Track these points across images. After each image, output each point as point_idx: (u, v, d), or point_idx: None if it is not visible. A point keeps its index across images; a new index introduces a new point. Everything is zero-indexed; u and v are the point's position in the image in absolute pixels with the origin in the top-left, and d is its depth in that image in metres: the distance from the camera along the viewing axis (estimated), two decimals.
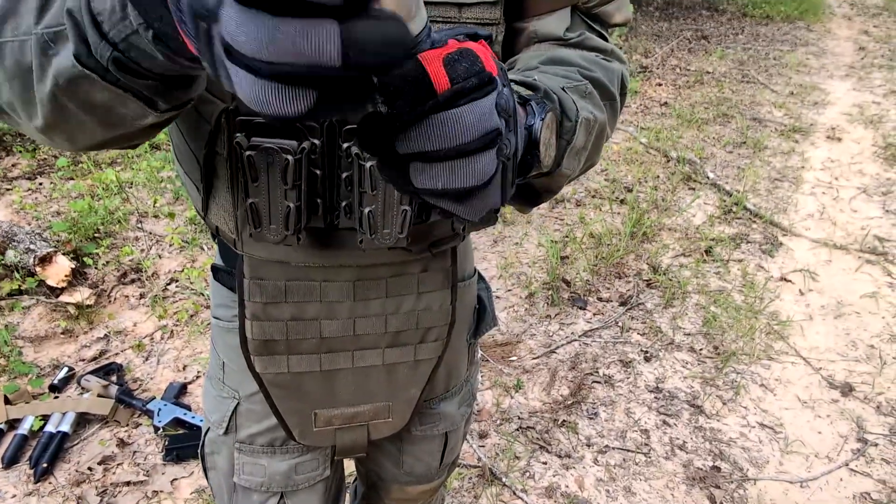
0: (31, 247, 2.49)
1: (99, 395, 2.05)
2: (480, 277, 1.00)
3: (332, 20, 0.28)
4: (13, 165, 3.29)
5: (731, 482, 1.96)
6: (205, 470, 0.94)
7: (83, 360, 2.25)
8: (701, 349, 2.50)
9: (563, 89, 0.62)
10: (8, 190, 3.09)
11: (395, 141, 0.38)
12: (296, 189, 0.65)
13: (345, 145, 0.66)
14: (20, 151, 3.35)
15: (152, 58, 0.40)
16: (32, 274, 2.45)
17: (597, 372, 2.37)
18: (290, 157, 0.63)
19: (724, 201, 3.52)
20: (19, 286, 2.44)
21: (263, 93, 0.29)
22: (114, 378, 2.14)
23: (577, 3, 0.74)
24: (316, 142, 0.65)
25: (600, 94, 0.70)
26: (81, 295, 2.46)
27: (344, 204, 0.68)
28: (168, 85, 0.45)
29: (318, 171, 0.66)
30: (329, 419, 0.85)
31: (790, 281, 2.94)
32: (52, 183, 3.16)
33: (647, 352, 2.48)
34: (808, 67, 5.75)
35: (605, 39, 0.79)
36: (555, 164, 0.61)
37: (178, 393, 2.10)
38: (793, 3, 7.42)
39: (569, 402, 2.23)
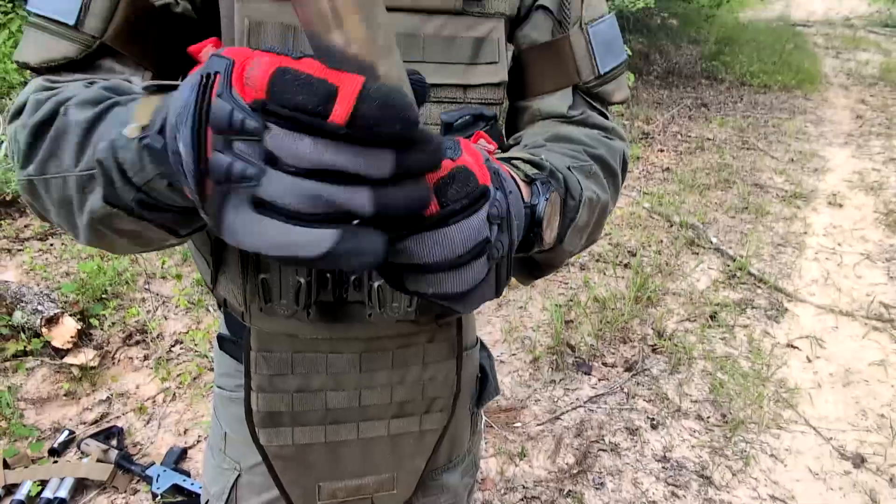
0: (39, 307, 2.51)
1: (98, 460, 2.02)
2: (482, 346, 1.01)
3: (367, 187, 0.33)
4: (25, 226, 3.35)
5: None
6: None
7: (84, 422, 2.24)
8: (708, 417, 2.47)
9: (568, 168, 0.65)
10: (19, 251, 3.14)
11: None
12: None
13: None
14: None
15: (170, 197, 0.46)
16: (38, 335, 2.46)
17: (603, 440, 2.34)
18: None
19: (728, 266, 3.53)
20: (24, 347, 2.45)
21: (290, 237, 0.34)
22: (114, 442, 2.12)
23: (578, 83, 0.78)
24: None
25: (603, 171, 0.72)
26: (86, 356, 2.46)
27: (353, 278, 0.70)
28: (186, 215, 0.50)
29: None
30: (333, 492, 0.85)
31: (797, 347, 2.92)
32: (62, 244, 3.21)
33: (653, 419, 2.44)
34: (806, 135, 5.86)
35: (606, 117, 0.82)
36: (557, 240, 0.62)
37: (177, 458, 2.08)
38: (790, 72, 7.62)
39: (574, 471, 2.18)
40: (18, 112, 0.59)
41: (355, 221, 0.34)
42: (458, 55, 0.71)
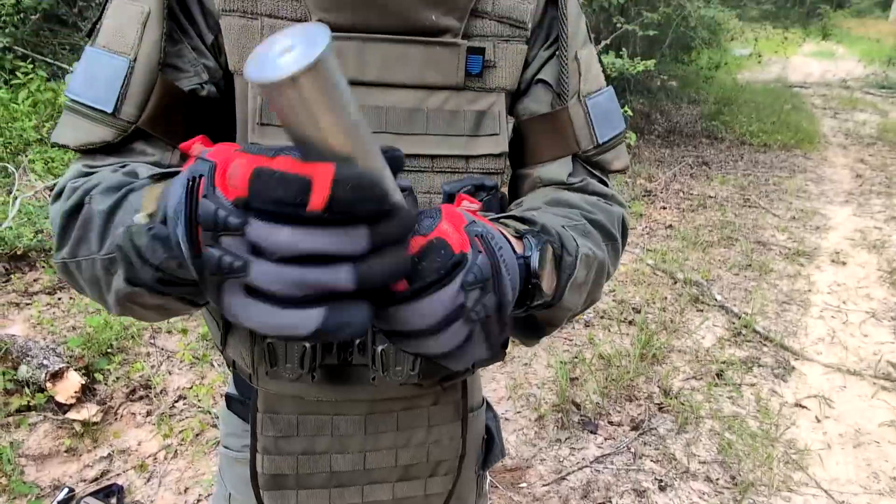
0: (45, 362, 2.51)
1: None
2: (488, 406, 1.01)
3: (348, 264, 0.36)
4: (35, 280, 3.38)
5: None
6: None
7: (84, 480, 2.21)
8: (717, 479, 2.42)
9: (562, 227, 0.66)
10: (28, 305, 3.16)
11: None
12: None
13: None
14: (43, 267, 3.45)
15: (184, 273, 0.49)
16: (42, 390, 2.46)
17: (610, 501, 2.29)
18: None
19: (733, 324, 3.52)
20: (28, 402, 2.44)
21: (282, 319, 0.37)
22: (113, 500, 2.09)
23: (578, 152, 0.81)
24: None
25: (602, 235, 0.74)
26: (88, 412, 2.45)
27: (357, 342, 0.72)
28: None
29: None
30: None
31: (805, 407, 2.88)
32: (70, 298, 3.24)
33: (661, 480, 2.40)
34: (807, 193, 5.92)
35: (606, 184, 0.85)
36: (557, 296, 0.63)
37: None
38: (788, 132, 7.76)
39: None
40: (58, 196, 0.65)
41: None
42: (460, 128, 0.75)
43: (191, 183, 0.38)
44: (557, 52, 0.79)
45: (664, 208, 5.37)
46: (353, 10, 0.69)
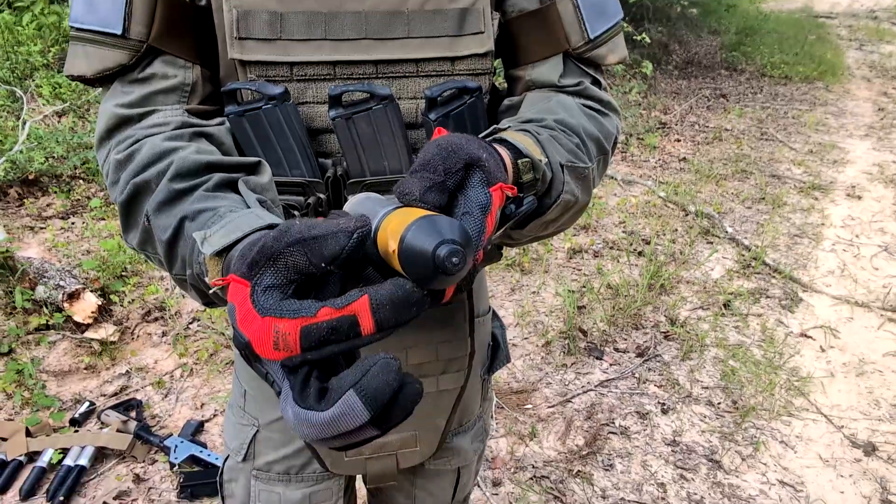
0: (61, 283, 2.56)
1: (118, 431, 2.08)
2: (494, 315, 1.03)
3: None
4: (48, 205, 3.41)
5: None
6: (222, 498, 0.96)
7: (104, 395, 2.29)
8: (719, 403, 2.47)
9: (561, 166, 0.65)
10: (42, 228, 3.20)
11: None
12: None
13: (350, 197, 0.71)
14: (55, 192, 3.47)
15: None
16: (60, 310, 2.52)
17: (613, 423, 2.35)
18: (296, 213, 0.69)
19: (743, 256, 3.52)
20: (47, 321, 2.50)
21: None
22: (133, 414, 2.17)
23: (568, 49, 0.78)
24: (322, 196, 0.71)
25: (596, 149, 0.74)
26: (106, 331, 2.51)
27: None
28: None
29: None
30: (358, 449, 0.87)
31: (811, 337, 2.91)
32: (84, 223, 3.27)
33: (664, 404, 2.45)
34: (826, 126, 5.79)
35: (600, 83, 0.83)
36: (516, 226, 0.65)
37: (195, 430, 2.12)
38: (811, 64, 7.52)
39: (584, 453, 2.20)
40: (102, 140, 0.69)
41: None
42: (443, 28, 0.72)
43: (244, 353, 0.42)
44: None
45: (678, 141, 5.28)
46: None
